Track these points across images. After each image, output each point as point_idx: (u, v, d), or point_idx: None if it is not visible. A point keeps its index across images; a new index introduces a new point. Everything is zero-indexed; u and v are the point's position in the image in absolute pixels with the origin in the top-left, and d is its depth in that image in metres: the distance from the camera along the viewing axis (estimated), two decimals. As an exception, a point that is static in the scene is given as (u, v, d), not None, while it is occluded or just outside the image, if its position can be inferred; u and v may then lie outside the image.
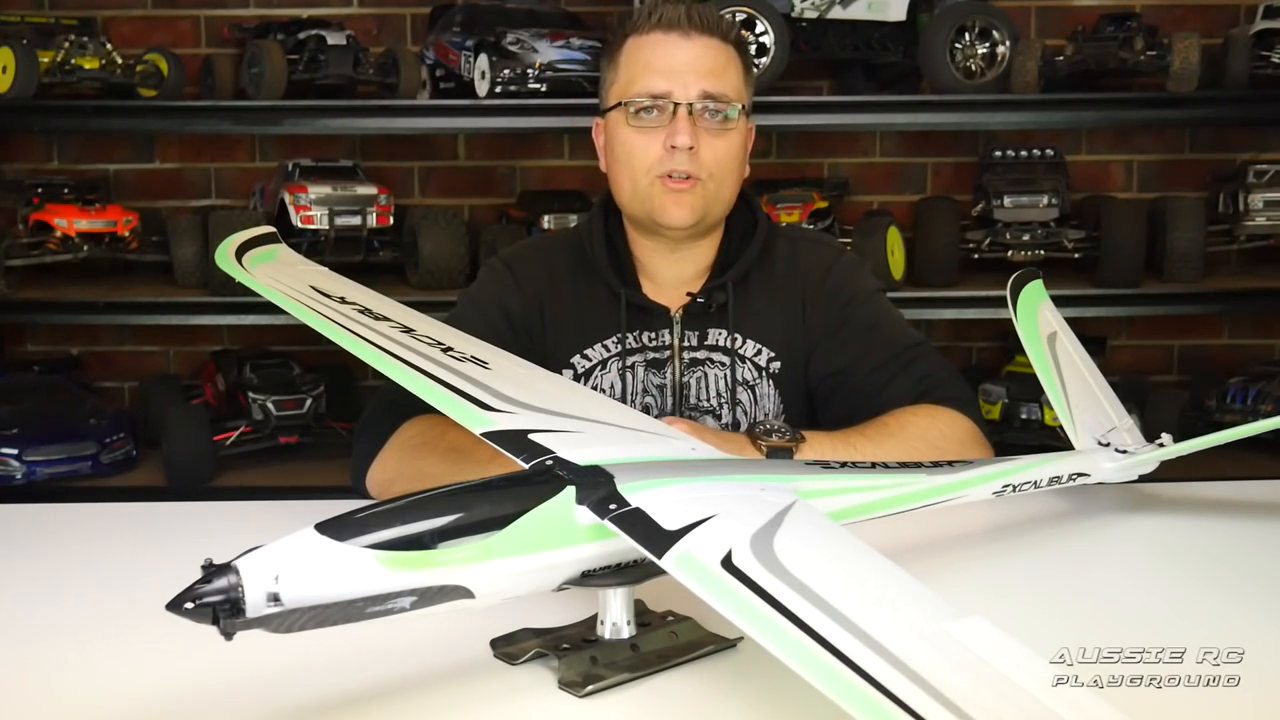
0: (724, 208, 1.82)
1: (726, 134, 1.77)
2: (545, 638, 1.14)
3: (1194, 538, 1.58)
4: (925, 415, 1.73)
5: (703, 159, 1.75)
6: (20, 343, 3.54)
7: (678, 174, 1.74)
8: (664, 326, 1.84)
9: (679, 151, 1.73)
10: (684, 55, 1.76)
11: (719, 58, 1.77)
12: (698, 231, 1.82)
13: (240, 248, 1.67)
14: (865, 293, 1.88)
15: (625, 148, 1.78)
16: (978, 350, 3.59)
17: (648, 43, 1.78)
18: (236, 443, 3.09)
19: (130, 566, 1.45)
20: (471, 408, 1.27)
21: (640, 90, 1.76)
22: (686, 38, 1.77)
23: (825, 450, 1.59)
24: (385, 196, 3.09)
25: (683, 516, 1.04)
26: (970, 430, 1.75)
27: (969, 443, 1.72)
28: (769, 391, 1.85)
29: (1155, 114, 3.23)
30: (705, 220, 1.80)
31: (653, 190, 1.77)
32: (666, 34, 1.77)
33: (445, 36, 3.18)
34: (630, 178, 1.79)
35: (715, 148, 1.75)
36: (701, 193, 1.76)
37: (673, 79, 1.75)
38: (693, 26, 1.77)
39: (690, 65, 1.75)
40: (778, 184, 3.30)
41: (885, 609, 0.92)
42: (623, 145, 1.78)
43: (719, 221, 1.84)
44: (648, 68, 1.76)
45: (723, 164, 1.77)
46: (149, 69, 3.17)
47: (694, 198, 1.76)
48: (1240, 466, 2.66)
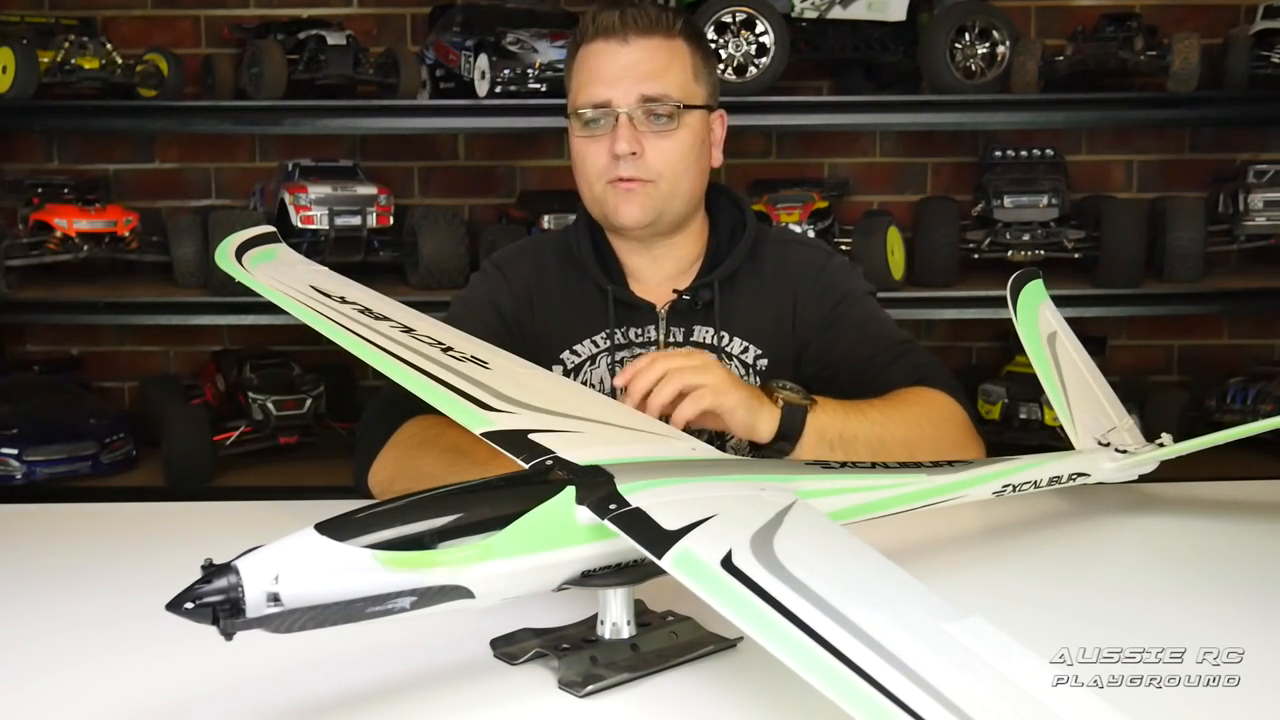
0: (684, 203, 1.83)
1: (672, 134, 1.79)
2: (545, 638, 1.14)
3: (1194, 538, 1.58)
4: (929, 397, 1.74)
5: (649, 162, 1.78)
6: (20, 343, 3.54)
7: (626, 177, 1.78)
8: (650, 323, 1.86)
9: (623, 158, 1.77)
10: (623, 60, 1.78)
11: (659, 58, 1.79)
12: (660, 230, 1.84)
13: (240, 247, 1.67)
14: (857, 292, 1.90)
15: (579, 156, 1.83)
16: (978, 350, 3.59)
17: (591, 52, 1.81)
18: (236, 443, 3.09)
19: (130, 566, 1.45)
20: (471, 408, 1.27)
21: (584, 101, 1.80)
22: (624, 43, 1.79)
23: (836, 412, 1.60)
24: (385, 196, 3.09)
25: (683, 516, 1.04)
26: (967, 421, 1.77)
27: (966, 431, 1.74)
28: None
29: (1155, 114, 3.23)
30: (663, 218, 1.82)
31: (605, 194, 1.81)
32: (606, 41, 1.80)
33: (445, 36, 3.18)
34: (586, 183, 1.83)
35: (662, 149, 1.78)
36: (653, 193, 1.79)
37: (611, 86, 1.77)
38: (629, 30, 1.79)
39: (628, 70, 1.78)
40: (778, 184, 3.31)
41: (885, 609, 0.92)
42: (577, 154, 1.83)
43: (682, 218, 1.86)
44: (591, 77, 1.80)
45: (672, 163, 1.79)
46: (149, 69, 3.17)
47: (644, 198, 1.79)
48: (1240, 466, 2.66)
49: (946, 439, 1.68)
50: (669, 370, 1.48)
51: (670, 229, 1.85)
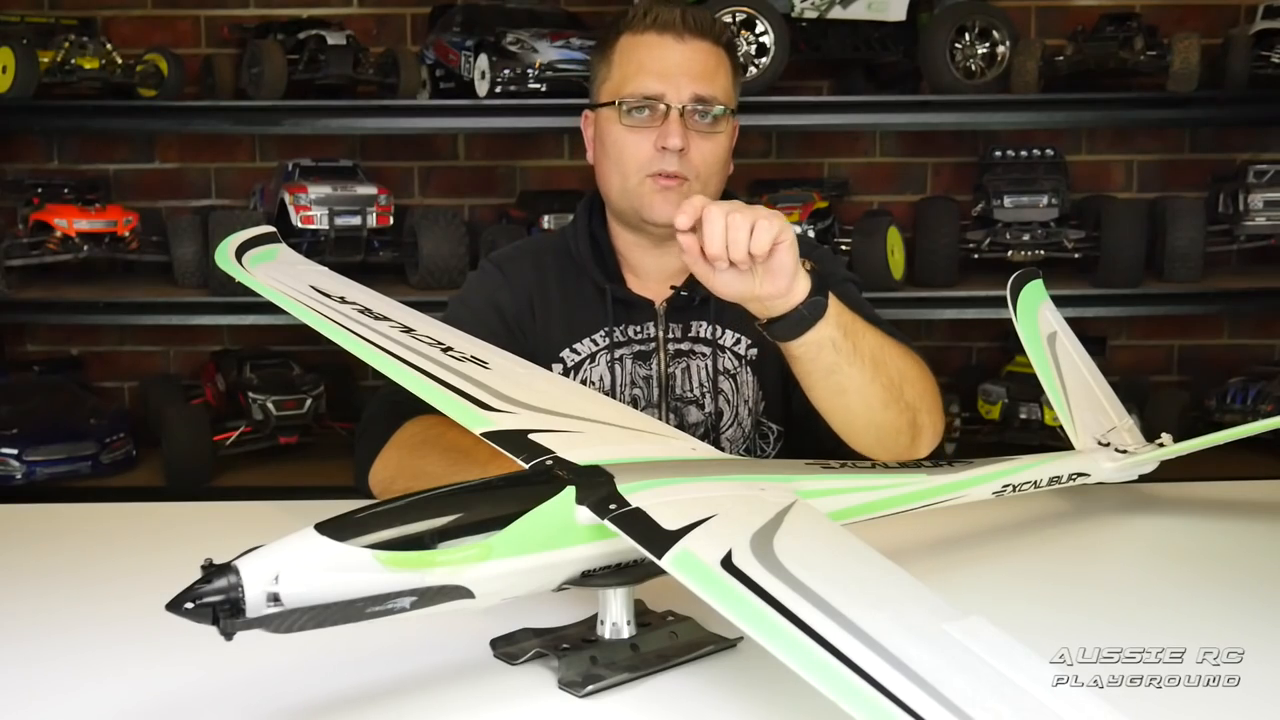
0: None
1: (714, 136, 1.80)
2: (545, 638, 1.14)
3: (1194, 538, 1.58)
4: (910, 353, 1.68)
5: (692, 160, 1.78)
6: (20, 343, 3.54)
7: (667, 173, 1.77)
8: (648, 319, 1.87)
9: (669, 153, 1.76)
10: (677, 58, 1.78)
11: (710, 61, 1.80)
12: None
13: (240, 247, 1.67)
14: (837, 276, 1.89)
15: (617, 146, 1.81)
16: (978, 350, 3.58)
17: (642, 43, 1.81)
18: (236, 443, 3.09)
19: (130, 566, 1.46)
20: (471, 408, 1.27)
21: (634, 90, 1.78)
22: (681, 40, 1.79)
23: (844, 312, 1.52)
24: (385, 196, 3.09)
25: (683, 516, 1.04)
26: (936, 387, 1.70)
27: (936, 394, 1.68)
28: (749, 379, 1.88)
29: (1155, 114, 3.22)
30: None
31: (642, 188, 1.79)
32: (661, 35, 1.80)
33: (445, 36, 3.18)
34: (620, 175, 1.81)
35: (703, 149, 1.79)
36: (689, 192, 1.78)
37: (666, 81, 1.77)
38: (687, 29, 1.79)
39: (683, 68, 1.78)
40: (778, 184, 3.30)
41: (885, 609, 0.92)
42: (614, 143, 1.81)
43: None
44: (642, 68, 1.79)
45: (710, 165, 1.80)
46: (149, 69, 3.17)
47: (680, 196, 1.77)
48: (1240, 466, 2.66)
49: (929, 391, 1.64)
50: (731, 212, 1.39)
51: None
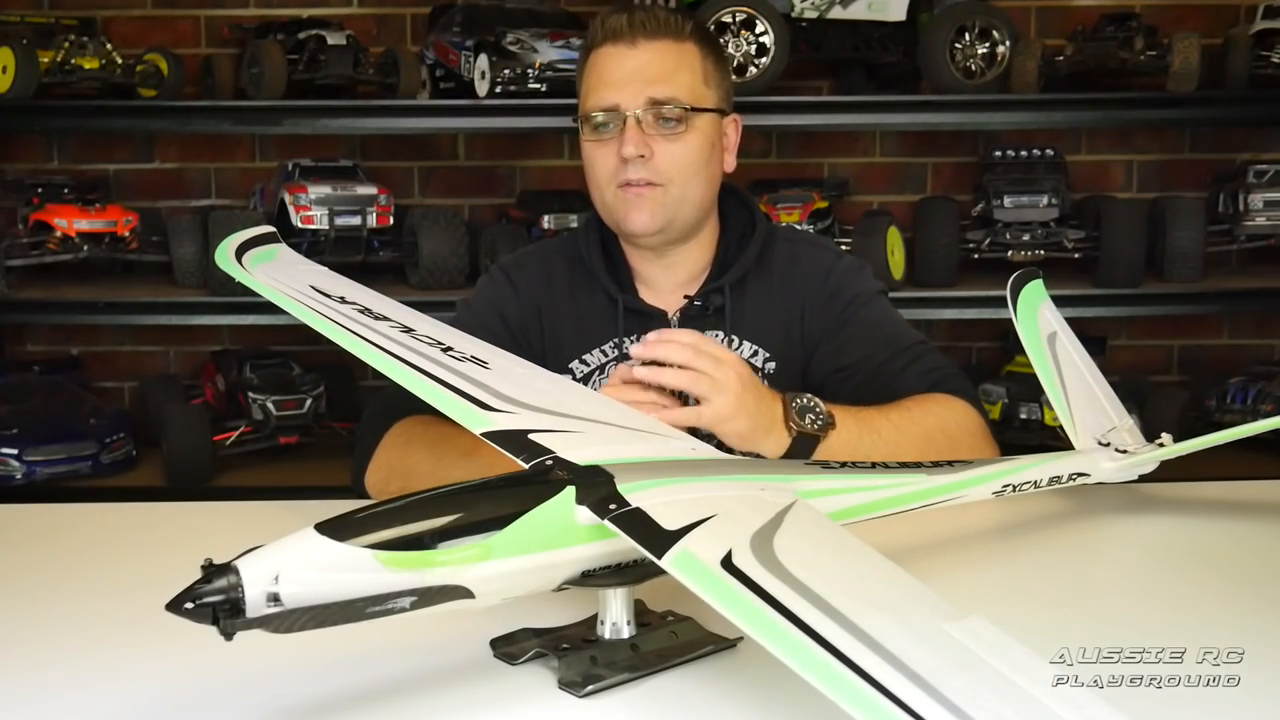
0: (694, 209, 1.81)
1: (681, 137, 1.77)
2: (545, 638, 1.14)
3: (1194, 538, 1.58)
4: (943, 404, 1.72)
5: (659, 165, 1.76)
6: (20, 343, 3.54)
7: (636, 181, 1.76)
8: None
9: (631, 161, 1.75)
10: (631, 64, 1.77)
11: (668, 61, 1.78)
12: (671, 238, 1.82)
13: (240, 247, 1.67)
14: (867, 294, 1.88)
15: (589, 161, 1.82)
16: (978, 350, 3.58)
17: (600, 56, 1.80)
18: (236, 443, 3.09)
19: (130, 566, 1.45)
20: (471, 408, 1.27)
21: (593, 105, 1.79)
22: (632, 46, 1.78)
23: (849, 438, 1.56)
24: (385, 196, 3.09)
25: (683, 516, 1.04)
26: (982, 426, 1.75)
27: (980, 438, 1.73)
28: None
29: (1155, 114, 3.23)
30: (674, 225, 1.80)
31: (615, 200, 1.79)
32: (614, 45, 1.79)
33: (445, 36, 3.18)
34: (597, 189, 1.82)
35: (671, 152, 1.76)
36: (662, 198, 1.77)
37: (619, 90, 1.76)
38: (637, 33, 1.78)
39: (636, 74, 1.76)
40: (778, 184, 3.31)
41: (885, 609, 0.92)
42: (587, 159, 1.82)
43: (693, 225, 1.83)
44: (599, 81, 1.79)
45: (681, 167, 1.77)
46: (149, 69, 3.17)
47: (653, 203, 1.77)
48: (1240, 466, 2.66)
49: (962, 451, 1.65)
50: (688, 365, 1.44)
51: (681, 236, 1.83)
